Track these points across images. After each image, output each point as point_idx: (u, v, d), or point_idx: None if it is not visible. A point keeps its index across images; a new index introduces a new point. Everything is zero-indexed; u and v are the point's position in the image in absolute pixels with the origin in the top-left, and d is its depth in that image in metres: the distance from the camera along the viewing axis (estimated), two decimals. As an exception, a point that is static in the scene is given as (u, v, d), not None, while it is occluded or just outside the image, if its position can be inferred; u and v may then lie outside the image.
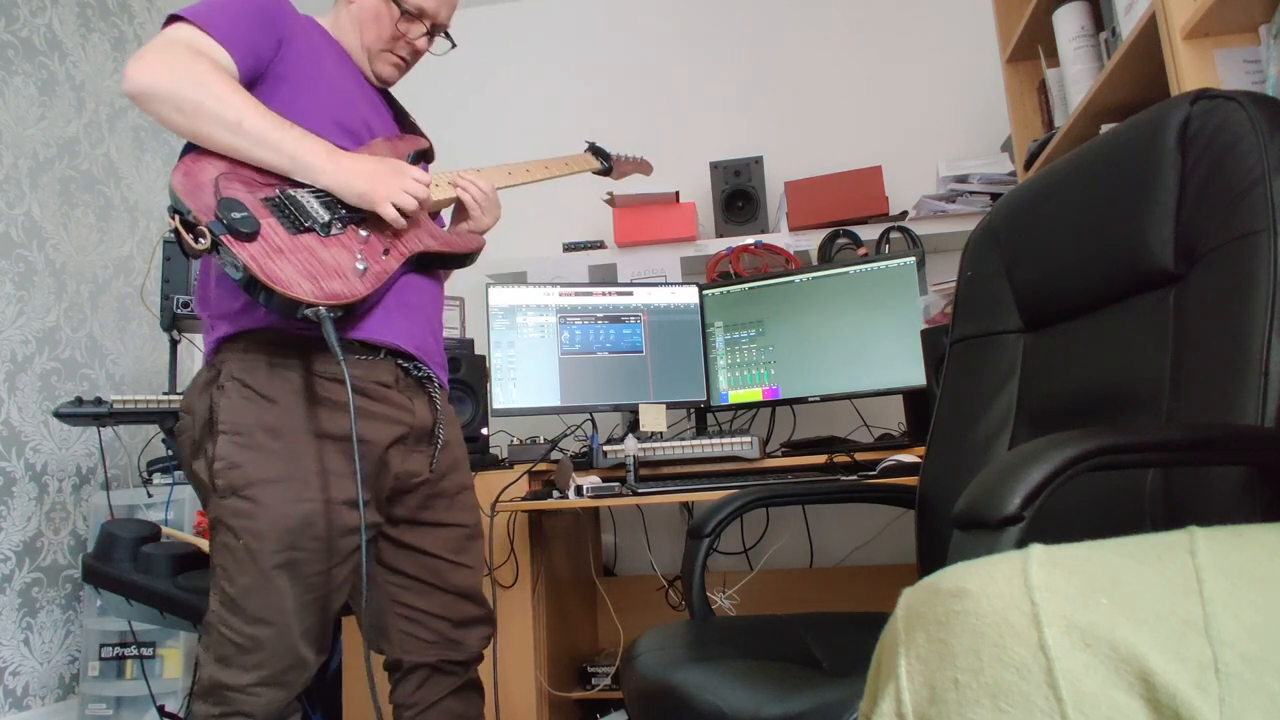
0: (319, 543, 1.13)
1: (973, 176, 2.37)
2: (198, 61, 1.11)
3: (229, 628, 1.11)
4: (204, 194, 1.08)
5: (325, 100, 1.25)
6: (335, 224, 1.16)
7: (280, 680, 1.13)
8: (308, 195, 1.17)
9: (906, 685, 0.48)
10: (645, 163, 1.85)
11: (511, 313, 2.20)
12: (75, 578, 2.46)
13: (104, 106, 2.79)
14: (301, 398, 1.15)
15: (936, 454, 1.22)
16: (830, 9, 2.90)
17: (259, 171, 1.15)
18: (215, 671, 1.12)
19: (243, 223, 1.06)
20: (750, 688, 0.93)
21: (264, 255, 1.07)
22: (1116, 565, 0.48)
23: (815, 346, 2.19)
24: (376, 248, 1.19)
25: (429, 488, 1.29)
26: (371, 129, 1.32)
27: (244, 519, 1.11)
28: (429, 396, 1.29)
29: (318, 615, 1.17)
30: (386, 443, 1.20)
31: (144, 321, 2.84)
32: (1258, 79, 1.19)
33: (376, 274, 1.16)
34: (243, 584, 1.11)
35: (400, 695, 1.30)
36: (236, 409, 1.13)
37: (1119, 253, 0.97)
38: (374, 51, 1.35)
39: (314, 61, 1.27)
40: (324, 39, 1.33)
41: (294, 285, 1.06)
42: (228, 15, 1.18)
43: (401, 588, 1.28)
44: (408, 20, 1.34)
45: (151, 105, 1.10)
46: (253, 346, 1.16)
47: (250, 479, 1.11)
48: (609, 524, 2.62)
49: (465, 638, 1.31)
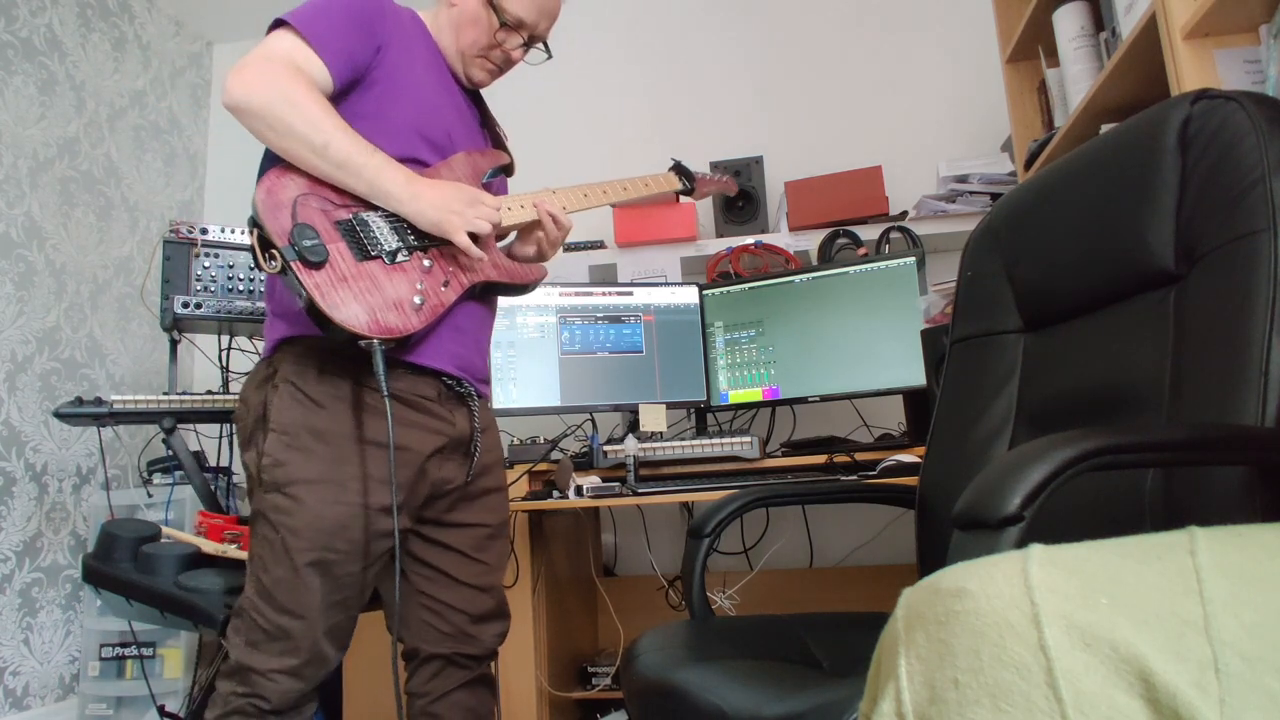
0: (353, 545, 1.18)
1: (973, 176, 2.37)
2: (294, 80, 1.14)
3: (260, 614, 1.17)
4: (282, 215, 1.13)
5: (413, 110, 1.28)
6: (401, 252, 1.20)
7: (300, 672, 1.17)
8: (379, 220, 1.21)
9: (906, 685, 0.48)
10: (730, 181, 1.81)
11: (511, 313, 2.20)
12: (75, 578, 2.46)
13: (104, 106, 2.79)
14: (348, 405, 1.20)
15: (936, 454, 1.22)
16: (830, 9, 2.90)
17: (337, 192, 1.19)
18: (243, 654, 1.17)
19: (312, 251, 1.11)
20: (750, 688, 0.93)
21: (328, 284, 1.12)
22: (1116, 565, 0.48)
23: (815, 346, 2.19)
24: (438, 278, 1.23)
25: (459, 492, 1.33)
26: (454, 139, 1.34)
27: (283, 515, 1.16)
28: (469, 409, 1.32)
29: (343, 614, 1.21)
30: (427, 452, 1.25)
31: (144, 321, 2.84)
32: (1258, 79, 1.19)
33: (433, 307, 1.20)
34: (276, 575, 1.16)
35: (415, 684, 1.34)
36: (287, 409, 1.19)
37: (1119, 253, 0.97)
38: (469, 56, 1.36)
39: (407, 67, 1.29)
40: (421, 38, 1.35)
41: (352, 320, 1.11)
42: (328, 21, 1.20)
43: (426, 579, 1.32)
44: (506, 31, 1.35)
45: (246, 120, 1.14)
46: (307, 352, 1.21)
47: (293, 477, 1.16)
48: (609, 524, 2.62)
49: (481, 633, 1.35)
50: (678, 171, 1.68)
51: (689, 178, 1.68)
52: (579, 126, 2.99)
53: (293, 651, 1.16)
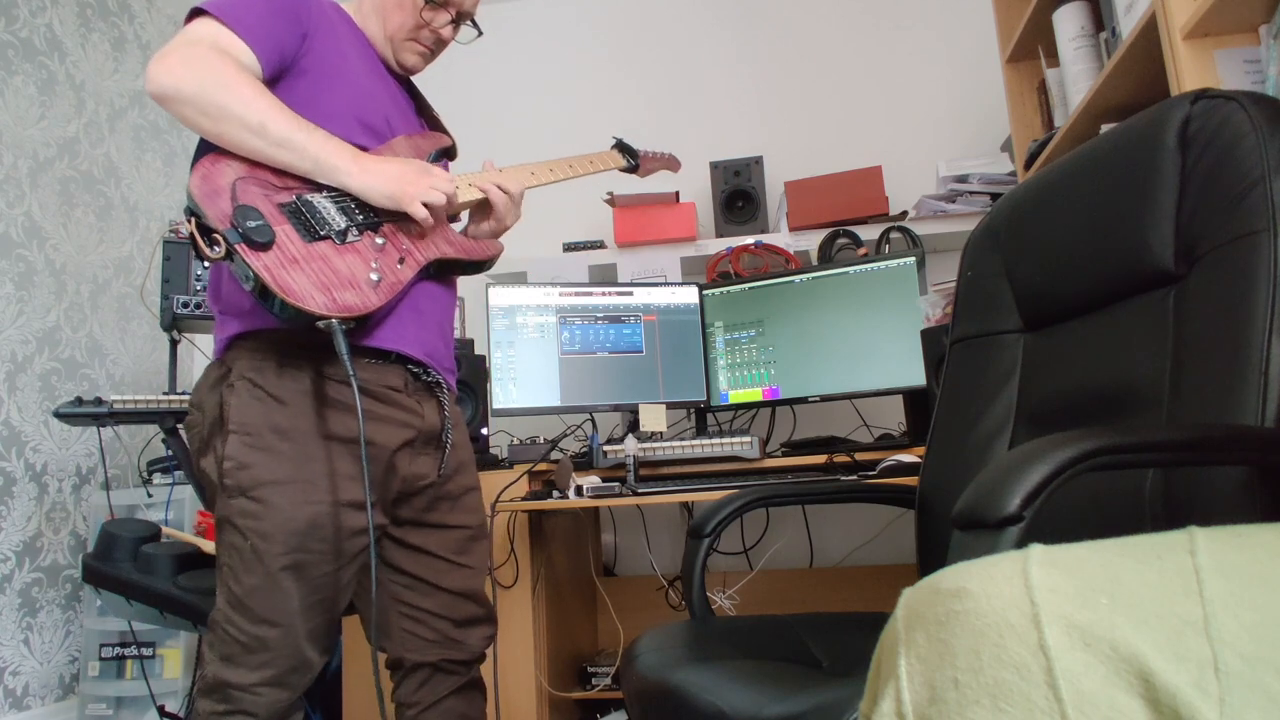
0: (326, 545, 1.13)
1: (973, 176, 2.37)
2: (222, 62, 1.10)
3: (235, 627, 1.12)
4: (221, 199, 1.08)
5: (347, 96, 1.24)
6: (351, 231, 1.16)
7: (284, 681, 1.13)
8: (324, 200, 1.16)
9: (906, 685, 0.48)
10: (673, 159, 1.79)
11: (511, 313, 2.20)
12: (75, 578, 2.46)
13: (104, 106, 2.79)
14: (311, 399, 1.15)
15: (936, 454, 1.22)
16: (830, 9, 2.90)
17: (276, 174, 1.14)
18: (220, 670, 1.12)
19: (257, 231, 1.06)
20: (750, 688, 0.93)
21: (278, 266, 1.06)
22: (1116, 565, 0.48)
23: (815, 346, 2.19)
24: (392, 256, 1.18)
25: (434, 490, 1.29)
26: (393, 125, 1.30)
27: (252, 520, 1.11)
28: (438, 401, 1.29)
29: (323, 616, 1.17)
30: (395, 445, 1.20)
31: (144, 321, 2.84)
32: (1258, 79, 1.19)
33: (391, 284, 1.16)
34: (249, 584, 1.11)
35: (403, 694, 1.30)
36: (246, 409, 1.13)
37: (1119, 253, 0.97)
38: (397, 40, 1.33)
39: (337, 54, 1.25)
40: (347, 27, 1.31)
41: (307, 298, 1.06)
42: (252, 10, 1.16)
43: (404, 587, 1.28)
44: (432, 8, 1.32)
45: (175, 107, 1.09)
46: (263, 346, 1.15)
47: (259, 479, 1.11)
48: (609, 524, 2.62)
49: (466, 637, 1.31)
50: (620, 149, 1.68)
51: (632, 155, 1.68)
52: (579, 127, 2.99)
53: (271, 662, 1.12)
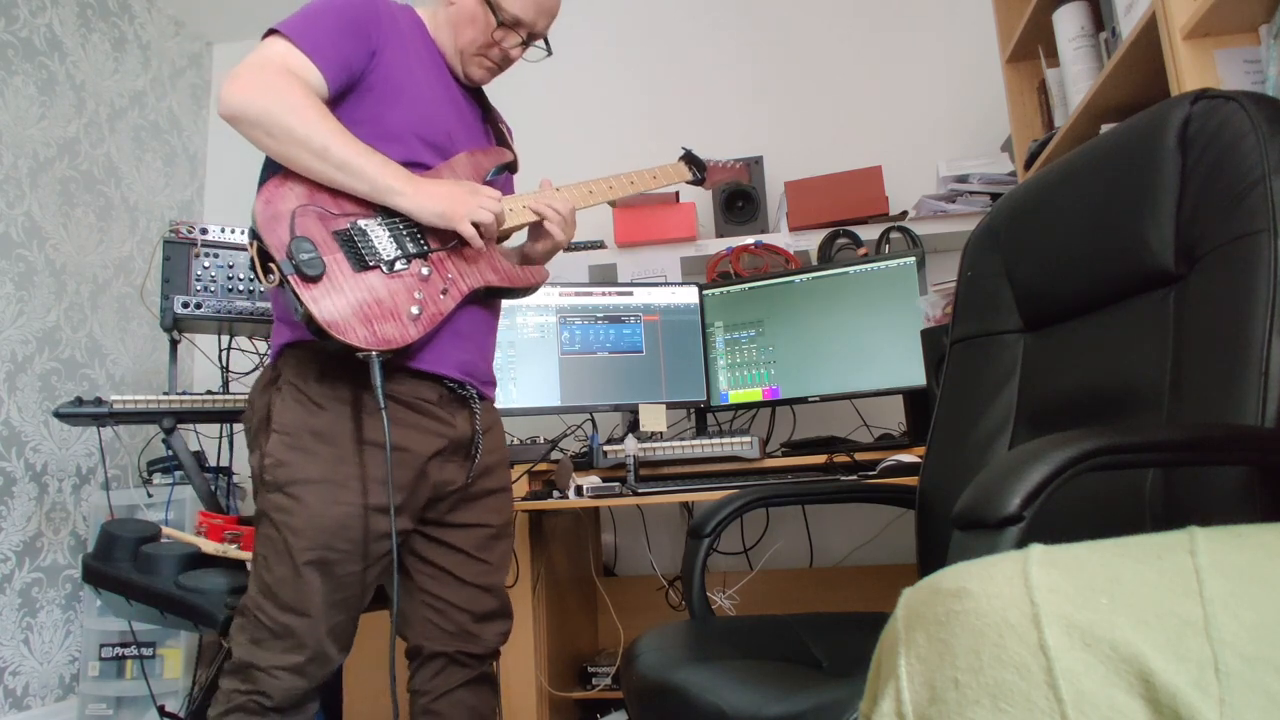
0: (353, 545, 1.19)
1: (973, 176, 2.37)
2: (290, 85, 1.15)
3: (264, 613, 1.18)
4: (280, 227, 1.14)
5: (411, 113, 1.28)
6: (400, 260, 1.20)
7: (304, 670, 1.18)
8: (378, 228, 1.21)
9: (906, 685, 0.48)
10: (742, 168, 1.76)
11: (511, 313, 2.20)
12: (75, 578, 2.46)
13: (104, 106, 2.79)
14: (349, 407, 1.21)
15: (936, 454, 1.22)
16: (830, 9, 2.90)
17: (334, 200, 1.20)
18: (247, 652, 1.18)
19: (309, 264, 1.12)
20: (750, 688, 0.93)
21: (325, 297, 1.13)
22: (1116, 565, 0.48)
23: (815, 346, 2.19)
24: (436, 286, 1.23)
25: (461, 493, 1.33)
26: (455, 140, 1.34)
27: (284, 514, 1.17)
28: (470, 411, 1.33)
29: (345, 614, 1.22)
30: (428, 454, 1.25)
31: (144, 321, 2.84)
32: (1258, 79, 1.18)
33: (431, 316, 1.21)
34: (279, 574, 1.18)
35: (418, 682, 1.35)
36: (288, 411, 1.20)
37: (1119, 253, 0.97)
38: (467, 54, 1.37)
39: (404, 70, 1.29)
40: (419, 36, 1.35)
41: (350, 331, 1.12)
42: (321, 28, 1.20)
43: (429, 577, 1.33)
44: (504, 29, 1.35)
45: (243, 128, 1.15)
46: (309, 356, 1.22)
47: (294, 477, 1.18)
48: (609, 524, 2.62)
49: (483, 631, 1.35)
50: (688, 161, 1.64)
51: (700, 167, 1.64)
52: (579, 127, 2.99)
53: (297, 649, 1.17)
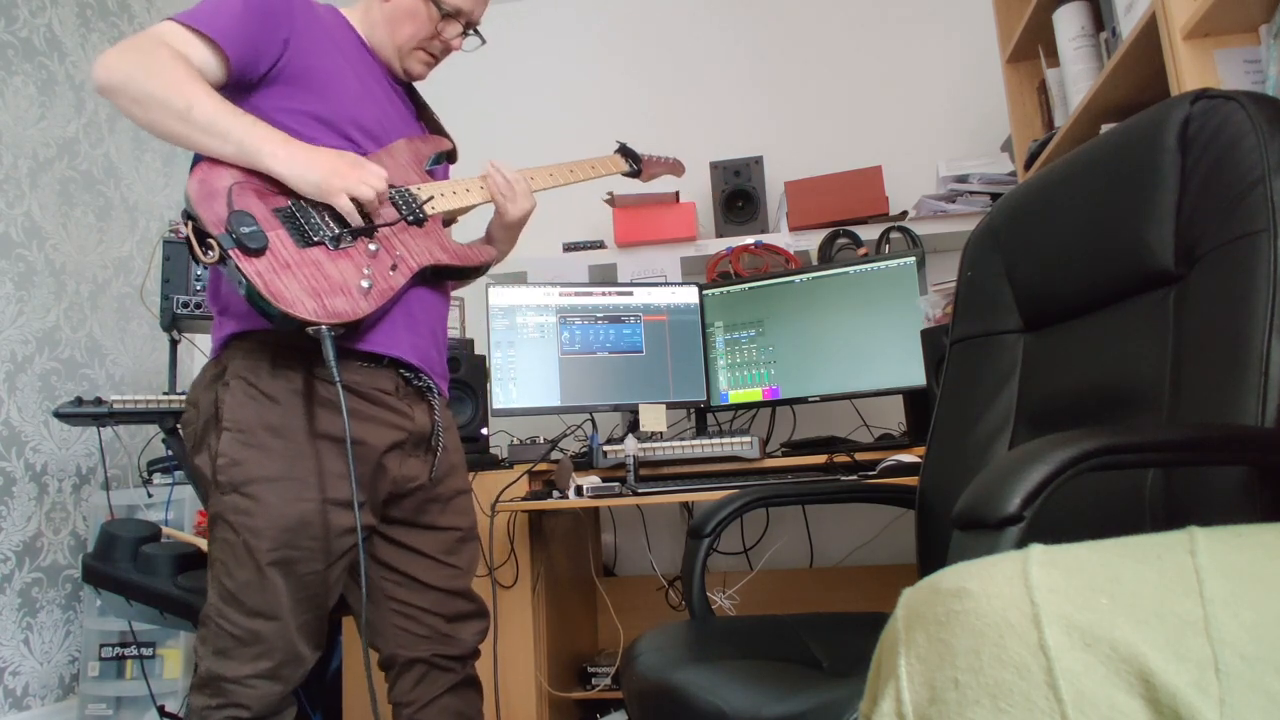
0: (315, 542, 1.15)
1: (973, 176, 2.37)
2: (156, 52, 1.10)
3: (228, 620, 1.13)
4: (217, 203, 1.09)
5: (343, 100, 1.25)
6: (345, 237, 1.17)
7: (277, 674, 1.15)
8: (321, 206, 1.18)
9: (906, 685, 0.48)
10: (677, 164, 1.79)
11: (511, 313, 2.20)
12: (75, 578, 2.46)
13: (104, 106, 2.79)
14: (302, 398, 1.17)
15: (936, 454, 1.22)
16: (831, 9, 2.90)
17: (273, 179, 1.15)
18: (213, 664, 1.13)
19: (251, 237, 1.08)
20: (750, 688, 0.93)
21: (270, 271, 1.08)
22: (1116, 565, 0.48)
23: (815, 346, 2.19)
24: (385, 262, 1.19)
25: (425, 493, 1.30)
26: (391, 130, 1.32)
27: (243, 515, 1.13)
28: (428, 404, 1.30)
29: (313, 612, 1.18)
30: (384, 447, 1.22)
31: (144, 321, 2.84)
32: (1258, 79, 1.18)
33: (382, 290, 1.17)
34: (241, 579, 1.13)
35: (398, 693, 1.30)
36: (240, 406, 1.15)
37: (1119, 253, 0.97)
38: (405, 50, 1.35)
39: (330, 60, 1.26)
40: (344, 33, 1.33)
41: (297, 304, 1.08)
42: (223, 13, 1.17)
43: (394, 584, 1.29)
44: (446, 20, 1.34)
45: (112, 98, 1.10)
46: (258, 347, 1.17)
47: (251, 476, 1.13)
48: (609, 524, 2.62)
49: (458, 632, 1.32)
50: (623, 153, 1.68)
51: (635, 159, 1.68)
52: (579, 127, 2.98)
53: (266, 654, 1.13)
